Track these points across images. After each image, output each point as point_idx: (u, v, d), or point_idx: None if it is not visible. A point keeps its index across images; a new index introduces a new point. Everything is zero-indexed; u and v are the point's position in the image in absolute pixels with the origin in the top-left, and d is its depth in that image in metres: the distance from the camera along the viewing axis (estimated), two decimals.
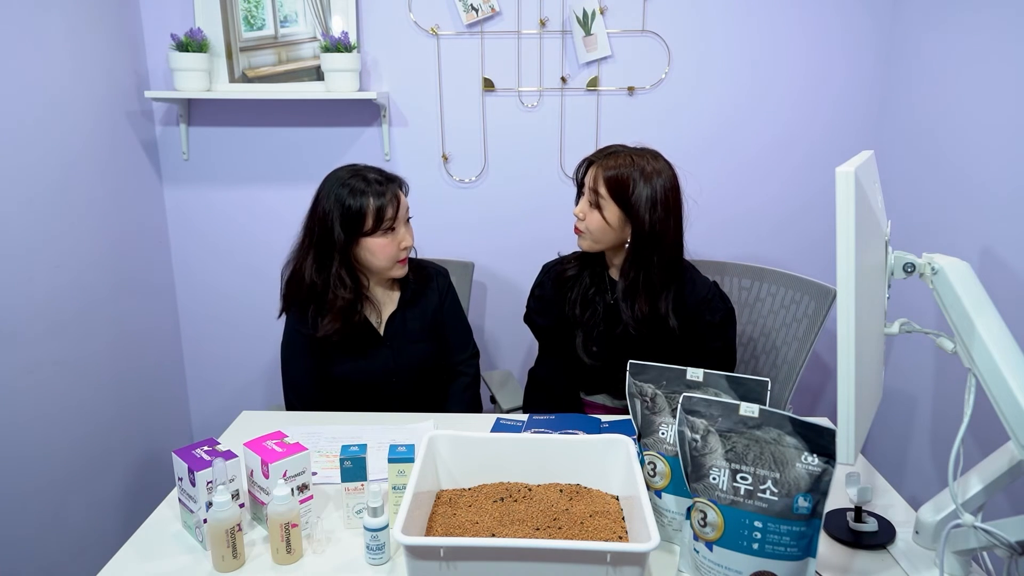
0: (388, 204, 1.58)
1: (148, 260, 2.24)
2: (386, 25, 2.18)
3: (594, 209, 1.56)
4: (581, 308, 1.68)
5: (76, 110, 1.88)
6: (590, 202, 1.57)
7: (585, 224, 1.59)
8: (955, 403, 1.85)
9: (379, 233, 1.59)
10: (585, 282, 1.69)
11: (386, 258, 1.62)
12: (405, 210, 1.65)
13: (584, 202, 1.59)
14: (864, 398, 1.00)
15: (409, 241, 1.65)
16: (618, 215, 1.55)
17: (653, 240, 1.54)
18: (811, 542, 0.99)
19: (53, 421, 1.79)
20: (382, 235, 1.60)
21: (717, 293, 1.67)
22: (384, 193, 1.59)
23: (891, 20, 2.16)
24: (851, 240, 0.91)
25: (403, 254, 1.65)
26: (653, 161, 1.55)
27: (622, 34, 2.18)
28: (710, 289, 1.65)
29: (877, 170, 1.21)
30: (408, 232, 1.66)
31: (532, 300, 1.80)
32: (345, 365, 1.69)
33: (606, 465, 1.21)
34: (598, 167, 1.56)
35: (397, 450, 1.20)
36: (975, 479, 1.08)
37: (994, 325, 1.02)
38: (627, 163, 1.53)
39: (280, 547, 1.11)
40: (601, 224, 1.56)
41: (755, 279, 1.96)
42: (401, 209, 1.62)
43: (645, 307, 1.58)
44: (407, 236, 1.65)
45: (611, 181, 1.53)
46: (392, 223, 1.60)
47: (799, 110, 2.23)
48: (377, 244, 1.60)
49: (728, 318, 1.66)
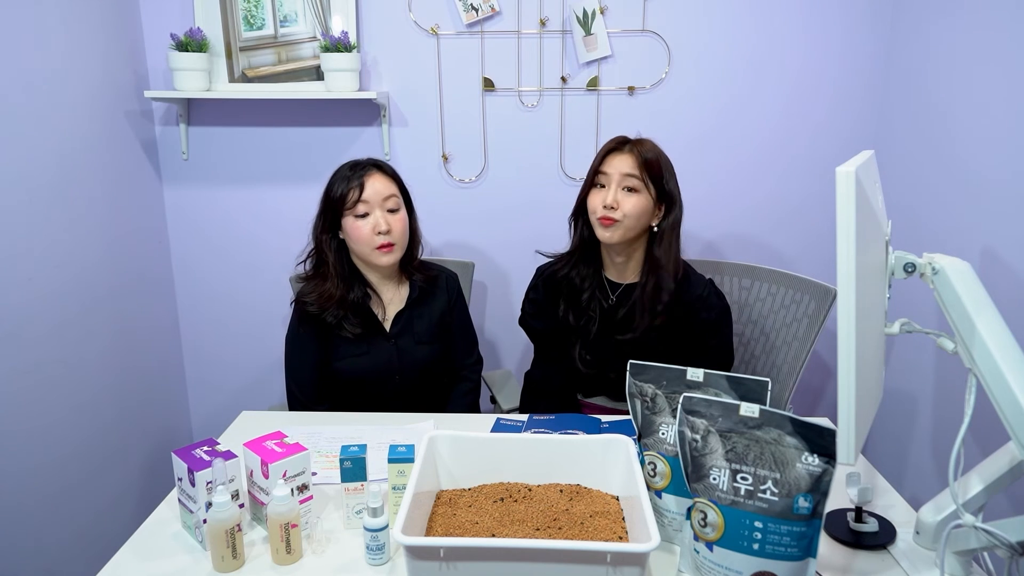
0: (354, 186, 1.62)
1: (148, 260, 2.24)
2: (386, 25, 2.17)
3: (631, 194, 1.57)
4: (575, 316, 1.67)
5: (76, 110, 1.87)
6: (626, 188, 1.57)
7: (622, 211, 1.56)
8: (956, 403, 1.85)
9: (349, 213, 1.63)
10: (576, 284, 1.68)
11: (361, 240, 1.63)
12: (380, 195, 1.63)
13: (615, 190, 1.57)
14: (864, 398, 1.00)
15: (385, 227, 1.62)
16: (650, 199, 1.58)
17: (678, 221, 1.61)
18: (811, 542, 0.99)
19: (52, 421, 1.78)
20: (354, 216, 1.62)
21: (713, 291, 1.67)
22: (352, 177, 1.63)
23: (891, 20, 2.15)
24: (851, 240, 0.90)
25: (379, 239, 1.63)
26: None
27: (622, 34, 2.18)
28: (706, 286, 1.66)
29: (877, 170, 1.21)
30: (387, 218, 1.64)
31: (527, 303, 1.79)
32: (348, 359, 1.69)
33: (606, 465, 1.21)
34: (630, 153, 1.58)
35: (397, 450, 1.20)
36: (976, 479, 1.08)
37: (995, 325, 1.02)
38: (655, 147, 1.61)
39: (280, 547, 1.11)
40: (639, 208, 1.56)
41: (755, 279, 1.95)
42: (368, 192, 1.62)
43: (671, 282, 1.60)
44: (382, 222, 1.63)
45: (650, 164, 1.57)
46: (359, 204, 1.62)
47: (799, 110, 2.23)
48: (349, 225, 1.64)
49: (724, 315, 1.67)
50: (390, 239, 1.64)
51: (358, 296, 1.68)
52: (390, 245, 1.64)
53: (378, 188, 1.63)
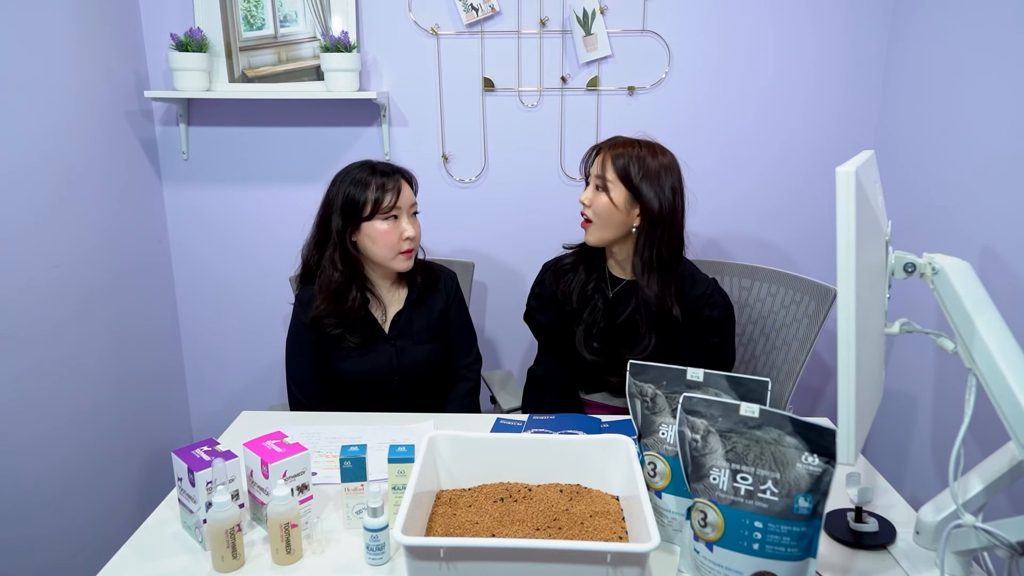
0: (389, 191, 1.61)
1: (148, 260, 2.24)
2: (386, 25, 2.17)
3: (600, 192, 1.58)
4: (580, 303, 1.69)
5: (76, 110, 1.87)
6: (596, 186, 1.59)
7: (592, 210, 1.60)
8: (956, 403, 1.85)
9: (379, 217, 1.61)
10: (582, 276, 1.70)
11: (386, 246, 1.62)
12: (409, 202, 1.65)
13: (590, 188, 1.62)
14: (864, 398, 1.00)
15: (412, 232, 1.64)
16: (625, 196, 1.57)
17: (660, 219, 1.57)
18: (811, 542, 0.99)
19: (52, 421, 1.78)
20: (383, 220, 1.61)
21: (716, 289, 1.68)
22: (386, 182, 1.61)
23: (891, 19, 2.16)
24: (852, 240, 0.90)
25: (405, 244, 1.64)
26: (657, 146, 1.61)
27: (622, 34, 2.18)
28: (710, 285, 1.67)
29: (877, 170, 1.21)
30: (412, 225, 1.65)
31: (532, 298, 1.81)
32: (349, 360, 1.69)
33: (606, 465, 1.21)
34: (605, 153, 1.60)
35: (397, 450, 1.20)
36: (976, 479, 1.08)
37: (995, 325, 1.02)
38: (632, 146, 1.59)
39: (280, 547, 1.11)
40: (608, 206, 1.57)
41: (755, 279, 1.95)
42: (402, 198, 1.63)
43: (656, 285, 1.59)
44: (410, 228, 1.64)
45: (617, 160, 1.57)
46: (392, 210, 1.61)
47: (799, 110, 2.23)
48: (377, 230, 1.61)
49: (727, 314, 1.67)
50: (413, 245, 1.66)
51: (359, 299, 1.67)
52: (411, 251, 1.67)
53: (407, 194, 1.65)
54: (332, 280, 1.64)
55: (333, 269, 1.64)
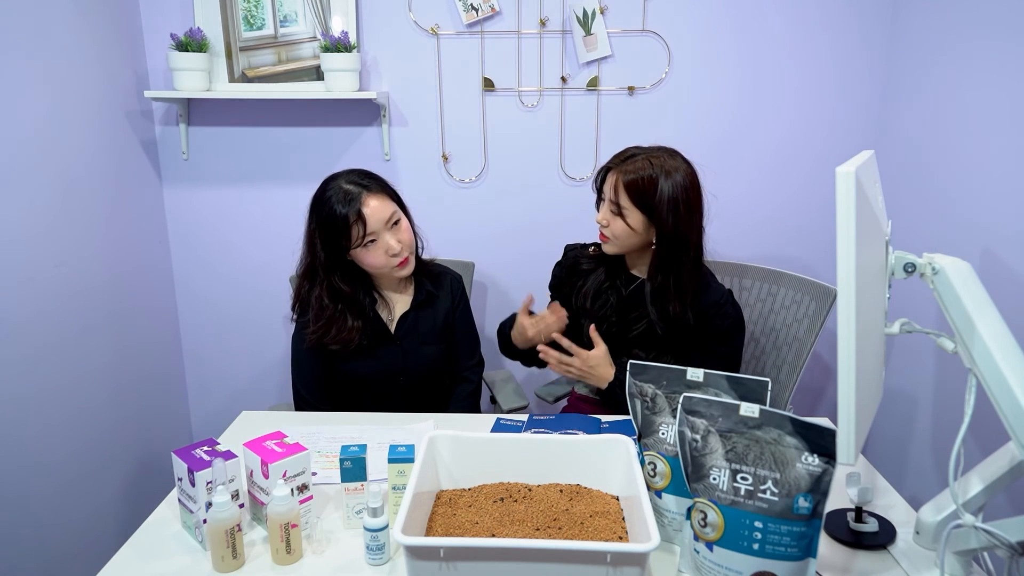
0: (354, 224, 1.55)
1: (148, 260, 2.24)
2: (386, 25, 2.17)
3: (617, 216, 1.56)
4: (592, 299, 1.69)
5: (76, 110, 1.87)
6: (612, 211, 1.57)
7: (610, 231, 1.59)
8: (956, 403, 1.85)
9: (358, 247, 1.58)
10: (600, 276, 1.70)
11: (375, 266, 1.62)
12: (383, 217, 1.57)
13: (606, 210, 1.59)
14: (864, 398, 1.00)
15: (396, 247, 1.60)
16: (641, 220, 1.56)
17: (678, 241, 1.56)
18: (811, 542, 0.99)
19: (52, 420, 1.78)
20: (363, 249, 1.59)
21: (730, 300, 1.67)
22: (349, 213, 1.54)
23: (891, 19, 2.15)
24: (851, 240, 0.90)
25: (395, 260, 1.62)
26: (670, 160, 1.55)
27: (622, 34, 2.18)
28: (724, 295, 1.66)
29: (877, 170, 1.21)
30: (395, 236, 1.60)
31: (553, 274, 1.83)
32: (355, 361, 1.69)
33: (606, 465, 1.20)
34: (616, 173, 1.56)
35: (397, 450, 1.20)
36: (976, 479, 1.08)
37: (995, 325, 1.02)
38: (645, 167, 1.53)
39: (280, 547, 1.11)
40: (625, 230, 1.57)
41: (755, 279, 1.95)
42: (372, 222, 1.55)
43: (678, 307, 1.59)
44: (392, 242, 1.59)
45: (631, 188, 1.53)
46: (367, 236, 1.56)
47: (799, 110, 2.23)
48: (361, 257, 1.61)
49: (737, 326, 1.66)
50: (403, 254, 1.63)
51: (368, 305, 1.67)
52: (405, 259, 1.64)
53: (377, 213, 1.56)
54: (325, 308, 1.63)
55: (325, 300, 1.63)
